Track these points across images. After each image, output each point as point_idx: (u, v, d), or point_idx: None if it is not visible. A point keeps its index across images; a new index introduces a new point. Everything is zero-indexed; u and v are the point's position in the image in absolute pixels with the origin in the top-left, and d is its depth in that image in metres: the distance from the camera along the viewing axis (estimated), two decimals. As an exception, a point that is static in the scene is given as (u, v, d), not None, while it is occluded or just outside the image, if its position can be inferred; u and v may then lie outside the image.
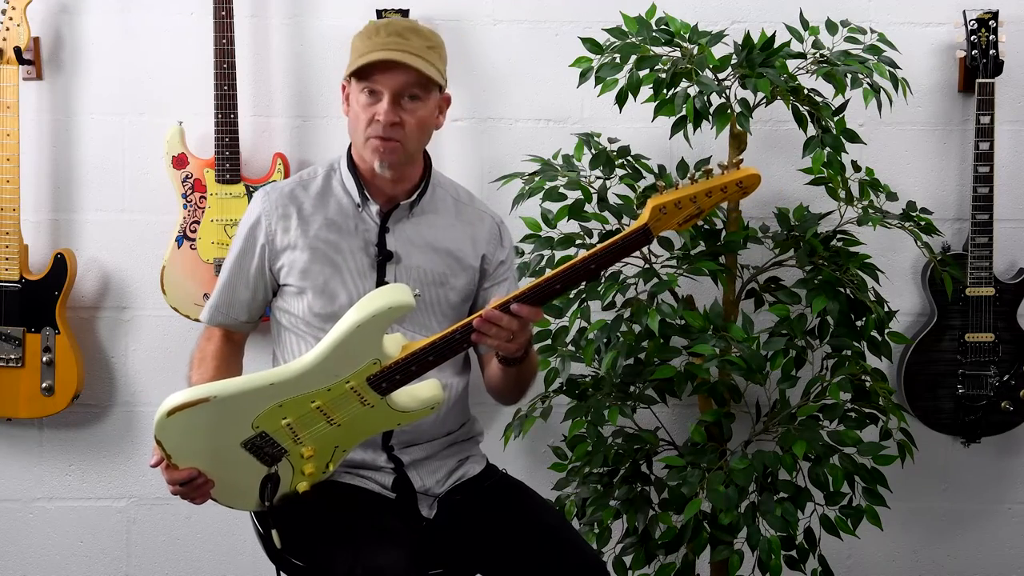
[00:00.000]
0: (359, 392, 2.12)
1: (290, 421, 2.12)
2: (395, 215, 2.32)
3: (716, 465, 2.72)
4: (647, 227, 2.07)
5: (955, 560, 3.32)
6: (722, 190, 2.05)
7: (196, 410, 2.08)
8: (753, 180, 2.05)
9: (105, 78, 3.16)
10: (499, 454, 2.80)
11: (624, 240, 2.08)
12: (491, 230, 2.41)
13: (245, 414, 2.11)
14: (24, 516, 3.27)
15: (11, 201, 3.02)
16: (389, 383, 2.12)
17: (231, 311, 2.37)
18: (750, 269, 2.95)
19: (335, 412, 2.13)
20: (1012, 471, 3.29)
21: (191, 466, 2.13)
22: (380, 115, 2.20)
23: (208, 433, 2.11)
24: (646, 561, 2.78)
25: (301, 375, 2.10)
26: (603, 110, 3.00)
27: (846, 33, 2.84)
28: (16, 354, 3.05)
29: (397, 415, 2.16)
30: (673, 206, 2.06)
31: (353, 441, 2.19)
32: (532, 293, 2.09)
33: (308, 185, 2.35)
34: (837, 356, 2.82)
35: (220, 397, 2.09)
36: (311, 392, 2.11)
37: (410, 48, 2.20)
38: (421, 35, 2.24)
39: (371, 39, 2.22)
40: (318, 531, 2.18)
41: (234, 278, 2.36)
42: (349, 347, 2.09)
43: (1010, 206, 3.19)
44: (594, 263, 2.09)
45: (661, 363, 2.77)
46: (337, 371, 2.10)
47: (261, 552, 2.34)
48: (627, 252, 2.11)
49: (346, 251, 2.30)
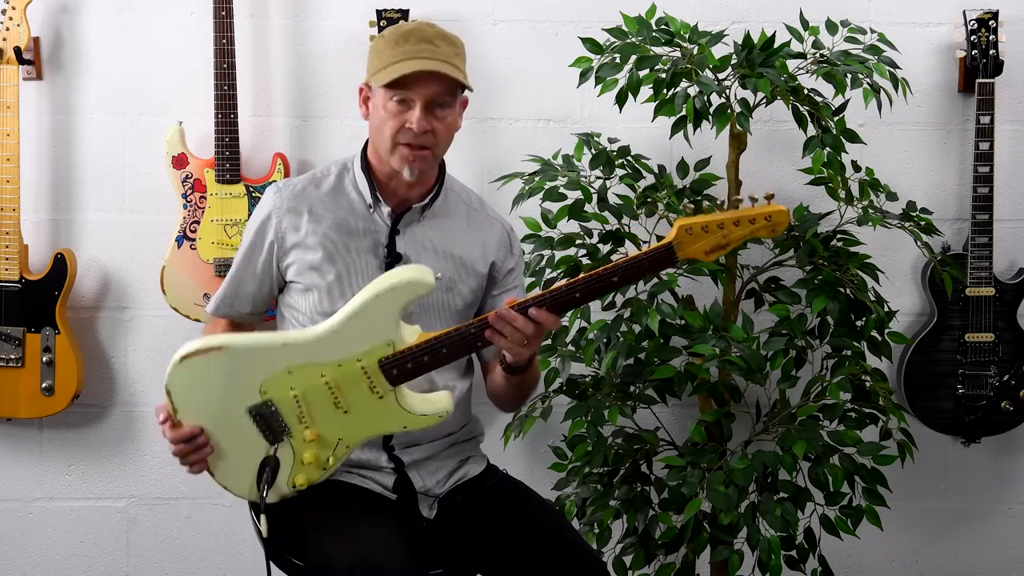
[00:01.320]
0: (369, 375, 2.12)
1: (297, 393, 2.13)
2: (406, 218, 2.31)
3: (716, 465, 2.72)
4: (672, 245, 2.09)
5: (955, 560, 3.32)
6: (750, 221, 2.09)
7: (208, 360, 2.12)
8: (782, 217, 2.09)
9: (105, 78, 3.16)
10: (499, 454, 2.80)
11: (649, 255, 2.10)
12: (501, 237, 2.41)
13: (255, 374, 2.12)
14: (24, 516, 3.27)
15: (11, 201, 3.02)
16: (400, 370, 2.12)
17: (235, 303, 2.38)
18: (750, 269, 2.95)
19: (343, 393, 2.14)
20: (1012, 471, 3.29)
21: (195, 424, 2.13)
22: (412, 123, 2.19)
23: (217, 388, 2.13)
24: (646, 561, 2.78)
25: (314, 342, 2.12)
26: (603, 110, 3.00)
27: (846, 33, 2.84)
28: (16, 354, 3.05)
29: (404, 414, 2.16)
30: (700, 229, 2.08)
31: (356, 437, 2.18)
32: (551, 298, 2.10)
33: (320, 183, 2.34)
34: (837, 356, 2.83)
35: (233, 348, 2.13)
36: (322, 363, 2.12)
37: (441, 55, 2.19)
38: (448, 41, 2.23)
39: (400, 46, 2.19)
40: (318, 531, 2.18)
41: (242, 271, 2.36)
42: (365, 320, 2.11)
43: (1010, 206, 3.19)
44: (616, 275, 2.10)
45: (661, 363, 2.77)
46: (350, 345, 2.12)
47: (261, 552, 2.33)
48: (651, 268, 2.13)
49: (355, 251, 2.29)
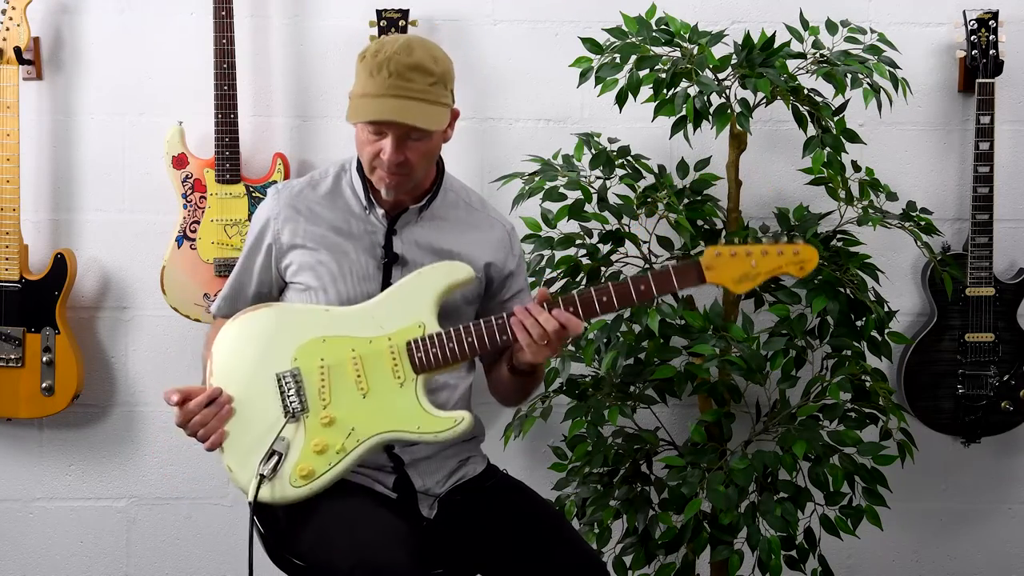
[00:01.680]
0: (395, 357, 2.18)
1: (325, 365, 2.19)
2: (403, 218, 2.32)
3: (716, 465, 2.72)
4: (699, 263, 2.15)
5: (955, 560, 3.32)
6: (779, 253, 2.15)
7: (255, 316, 2.26)
8: (810, 254, 2.16)
9: (105, 78, 3.16)
10: (499, 454, 2.79)
11: (677, 270, 2.16)
12: (501, 238, 2.40)
13: (293, 335, 2.22)
14: (24, 516, 3.27)
15: (11, 201, 3.02)
16: (426, 357, 2.17)
17: (236, 304, 2.38)
18: (750, 269, 2.94)
19: (366, 372, 2.19)
20: (1012, 471, 3.29)
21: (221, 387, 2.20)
22: (384, 154, 2.19)
23: (255, 348, 2.23)
24: (646, 561, 2.78)
25: (353, 314, 2.23)
26: (603, 110, 3.00)
27: (846, 33, 2.84)
28: (16, 354, 3.05)
29: (419, 411, 2.17)
30: (728, 255, 2.16)
31: (369, 429, 2.18)
32: (580, 300, 2.14)
33: (318, 185, 2.35)
34: (837, 356, 2.83)
35: (279, 306, 2.30)
36: (354, 336, 2.21)
37: (413, 92, 2.16)
38: (423, 71, 2.17)
39: (372, 78, 2.16)
40: (319, 530, 2.18)
41: (242, 273, 2.39)
42: (403, 298, 2.22)
43: (1010, 206, 3.19)
44: (644, 284, 2.16)
45: (661, 363, 2.77)
46: (384, 322, 2.21)
47: (261, 552, 2.34)
48: (680, 281, 2.17)
49: (352, 252, 2.30)
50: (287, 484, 2.17)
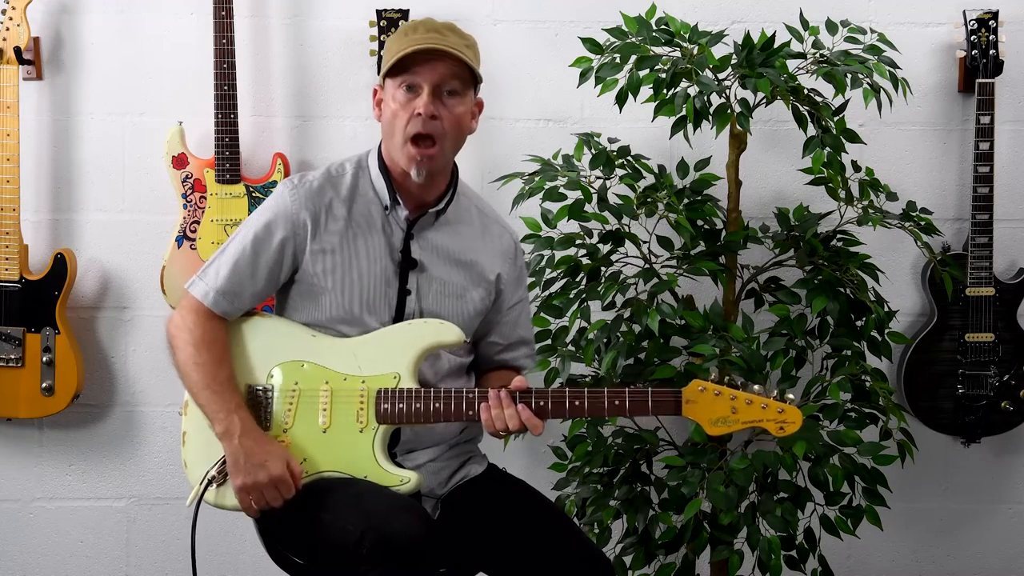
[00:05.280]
0: (364, 401, 2.18)
1: (297, 390, 2.19)
2: (421, 223, 2.29)
3: (716, 465, 2.72)
4: (680, 395, 2.14)
5: (955, 560, 3.32)
6: (763, 407, 2.12)
7: (256, 320, 2.27)
8: (794, 416, 2.13)
9: (105, 78, 3.16)
10: (499, 454, 2.80)
11: (656, 395, 2.16)
12: (508, 249, 2.40)
13: (276, 352, 2.23)
14: (24, 516, 3.27)
15: (11, 201, 3.02)
16: (392, 409, 2.17)
17: (236, 301, 2.27)
18: (750, 269, 2.95)
19: (333, 408, 2.18)
20: (1012, 471, 3.29)
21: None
22: (420, 107, 2.18)
23: (238, 352, 2.24)
24: (646, 561, 2.78)
25: (335, 346, 2.22)
26: (603, 110, 3.00)
27: (846, 33, 2.84)
28: (16, 354, 3.05)
29: (371, 461, 2.17)
30: (713, 393, 2.14)
31: (319, 465, 2.18)
32: (552, 399, 2.15)
33: (337, 183, 2.29)
34: (837, 356, 2.83)
35: (276, 319, 2.30)
36: (332, 370, 2.20)
37: (448, 43, 2.21)
38: (458, 33, 2.26)
39: (407, 36, 2.22)
40: (327, 507, 2.14)
41: (250, 267, 2.26)
42: (386, 344, 2.21)
43: (1010, 206, 3.19)
44: (619, 400, 2.15)
45: (661, 363, 2.77)
46: (363, 364, 2.20)
47: (261, 552, 2.34)
48: (655, 407, 2.17)
49: (372, 255, 2.27)
50: (230, 492, 2.20)
